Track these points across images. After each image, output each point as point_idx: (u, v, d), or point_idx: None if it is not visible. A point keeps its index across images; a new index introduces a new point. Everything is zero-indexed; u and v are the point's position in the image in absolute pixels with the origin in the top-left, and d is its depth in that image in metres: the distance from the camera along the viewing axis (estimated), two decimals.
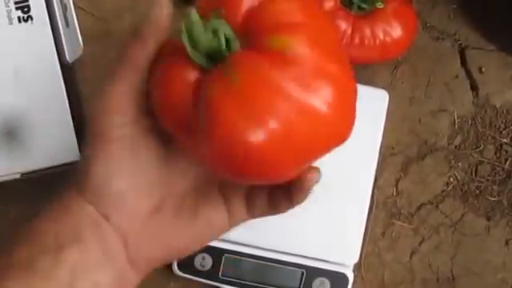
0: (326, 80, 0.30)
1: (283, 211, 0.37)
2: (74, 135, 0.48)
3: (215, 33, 0.30)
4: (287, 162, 0.31)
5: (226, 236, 0.50)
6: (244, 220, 0.37)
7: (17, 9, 0.47)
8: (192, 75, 0.31)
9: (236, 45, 0.31)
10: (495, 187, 0.54)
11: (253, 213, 0.37)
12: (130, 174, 0.34)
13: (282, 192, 0.35)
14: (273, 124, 0.29)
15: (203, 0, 0.32)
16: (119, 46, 0.52)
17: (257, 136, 0.29)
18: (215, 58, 0.30)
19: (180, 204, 0.36)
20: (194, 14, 0.29)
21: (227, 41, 0.30)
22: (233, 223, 0.37)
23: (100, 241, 0.33)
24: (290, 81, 0.29)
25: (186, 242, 0.36)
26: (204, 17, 0.30)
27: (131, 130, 0.33)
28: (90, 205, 0.34)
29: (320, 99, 0.30)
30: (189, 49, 0.30)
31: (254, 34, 0.30)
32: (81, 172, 0.34)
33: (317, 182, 0.34)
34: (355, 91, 0.33)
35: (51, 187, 0.39)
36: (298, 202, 0.36)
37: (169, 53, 0.33)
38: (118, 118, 0.33)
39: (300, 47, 0.30)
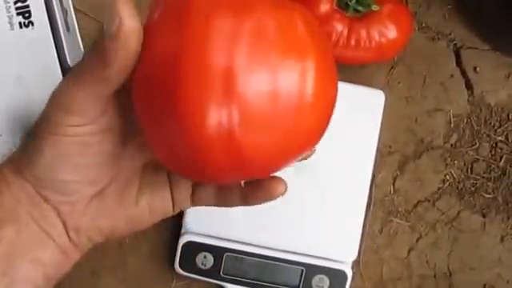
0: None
1: (230, 206, 0.37)
2: None
3: None
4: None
5: (227, 235, 0.51)
6: (188, 207, 0.38)
7: (18, 14, 0.48)
8: None
9: None
10: (490, 184, 0.55)
11: (199, 201, 0.37)
12: (78, 169, 0.33)
13: (232, 189, 0.35)
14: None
15: None
16: None
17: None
18: None
19: (123, 189, 0.35)
20: None
21: None
22: (176, 209, 0.37)
23: (39, 220, 0.33)
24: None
25: (127, 223, 0.36)
26: None
27: (86, 129, 0.32)
28: (30, 185, 0.33)
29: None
30: None
31: None
32: (24, 156, 0.33)
33: (282, 195, 0.34)
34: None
35: None
36: (250, 205, 0.36)
37: None
38: (75, 119, 0.31)
39: None
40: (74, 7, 0.51)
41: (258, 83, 0.27)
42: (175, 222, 0.52)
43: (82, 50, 0.50)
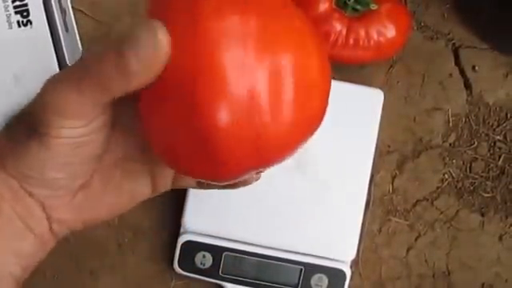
0: None
1: (210, 188, 0.38)
2: None
3: None
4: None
5: (225, 234, 0.51)
6: (167, 189, 0.38)
7: (16, 13, 0.48)
8: None
9: None
10: (489, 183, 0.55)
11: (180, 185, 0.37)
12: (67, 167, 0.32)
13: None
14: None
15: None
16: None
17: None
18: None
19: (107, 179, 0.35)
20: None
21: None
22: (155, 193, 0.37)
23: (21, 214, 0.33)
24: None
25: (109, 211, 0.36)
26: None
27: (80, 131, 0.31)
28: (14, 180, 0.32)
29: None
30: None
31: None
32: (7, 151, 0.32)
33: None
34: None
35: None
36: (229, 188, 0.36)
37: None
38: (70, 123, 0.30)
39: None
40: (73, 6, 0.51)
41: (270, 71, 0.29)
42: (174, 222, 0.52)
43: (81, 49, 0.50)
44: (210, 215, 0.51)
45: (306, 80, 0.30)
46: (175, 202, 0.52)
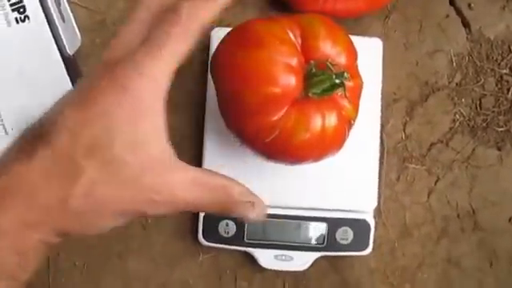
0: None
1: None
2: None
3: None
4: None
5: None
6: None
7: (13, 10, 0.49)
8: None
9: None
10: (501, 117, 0.55)
11: None
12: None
13: None
14: None
15: None
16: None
17: None
18: None
19: None
20: None
21: None
22: None
23: None
24: None
25: None
26: None
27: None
28: None
29: None
30: None
31: None
32: None
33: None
34: None
35: None
36: None
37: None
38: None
39: None
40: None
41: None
42: None
43: (79, 36, 0.51)
44: None
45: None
46: None
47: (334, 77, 0.40)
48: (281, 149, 0.42)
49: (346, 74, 0.39)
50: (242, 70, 0.41)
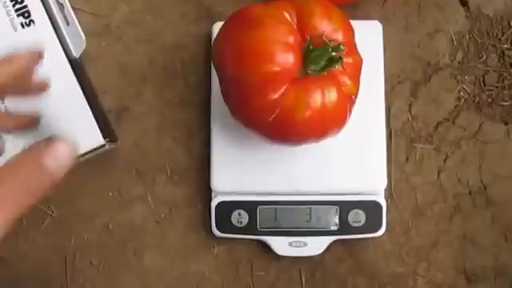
0: None
1: None
2: (95, 122, 0.50)
3: None
4: None
5: (256, 189, 0.52)
6: None
7: (18, 16, 0.50)
8: None
9: None
10: (506, 92, 0.55)
11: None
12: None
13: None
14: None
15: None
16: (120, 37, 0.55)
17: None
18: None
19: None
20: None
21: None
22: None
23: None
24: None
25: None
26: None
27: None
28: None
29: None
30: None
31: None
32: None
33: None
34: None
35: None
36: None
37: None
38: None
39: None
40: (69, 3, 0.53)
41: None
42: (205, 191, 0.53)
43: (84, 38, 0.52)
44: (238, 173, 0.52)
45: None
46: (202, 171, 0.53)
47: (330, 50, 0.40)
48: (283, 127, 0.43)
49: (341, 47, 0.40)
50: (240, 51, 0.42)
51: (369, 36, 0.53)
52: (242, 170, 0.52)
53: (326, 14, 0.43)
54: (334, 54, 0.40)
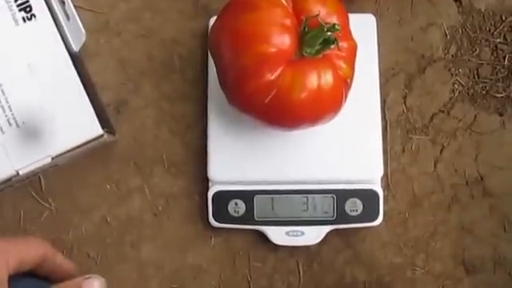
0: None
1: None
2: (94, 112, 0.51)
3: None
4: None
5: (252, 178, 0.52)
6: None
7: (20, 10, 0.51)
8: None
9: None
10: (500, 84, 0.55)
11: None
12: None
13: None
14: None
15: None
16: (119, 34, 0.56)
17: None
18: None
19: None
20: None
21: None
22: None
23: None
24: None
25: None
26: None
27: None
28: None
29: None
30: None
31: None
32: None
33: None
34: None
35: None
36: None
37: None
38: None
39: None
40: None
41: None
42: (202, 182, 0.53)
43: (84, 32, 0.53)
44: (234, 162, 0.52)
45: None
46: (200, 163, 0.54)
47: (325, 30, 0.41)
48: (280, 109, 0.44)
49: (336, 26, 0.41)
50: (236, 34, 0.43)
51: (363, 29, 0.53)
52: (239, 159, 0.52)
53: None
54: (329, 34, 0.41)
